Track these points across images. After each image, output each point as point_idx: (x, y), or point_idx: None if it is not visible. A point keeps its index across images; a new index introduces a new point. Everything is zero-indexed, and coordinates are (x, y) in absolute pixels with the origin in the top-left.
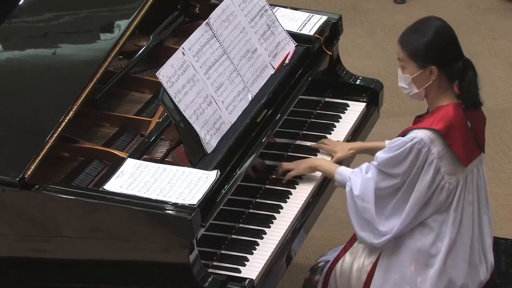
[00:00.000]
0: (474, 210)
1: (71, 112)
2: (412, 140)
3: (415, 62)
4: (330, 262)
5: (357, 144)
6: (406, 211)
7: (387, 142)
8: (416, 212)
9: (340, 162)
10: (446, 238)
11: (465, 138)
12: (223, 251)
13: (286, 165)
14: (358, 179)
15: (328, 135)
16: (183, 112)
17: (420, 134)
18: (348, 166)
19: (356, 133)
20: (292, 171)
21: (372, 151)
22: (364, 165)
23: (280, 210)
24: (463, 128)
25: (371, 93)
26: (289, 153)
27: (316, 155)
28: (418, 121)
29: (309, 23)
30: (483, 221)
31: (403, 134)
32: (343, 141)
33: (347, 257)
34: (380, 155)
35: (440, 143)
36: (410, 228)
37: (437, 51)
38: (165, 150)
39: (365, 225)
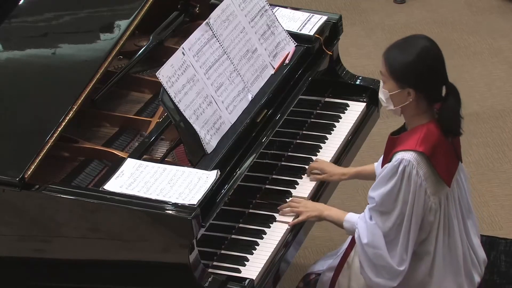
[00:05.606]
0: (459, 223)
1: (71, 112)
2: (400, 162)
3: (394, 80)
4: (328, 278)
5: (352, 170)
6: (411, 239)
7: (375, 164)
8: (416, 237)
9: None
10: (438, 258)
11: (447, 157)
12: (223, 251)
13: (294, 205)
14: (364, 225)
15: (328, 135)
16: (183, 112)
17: (406, 156)
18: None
19: (356, 133)
20: (300, 217)
21: (365, 176)
22: (367, 209)
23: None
24: (445, 146)
25: (371, 93)
26: (289, 153)
27: (316, 155)
28: (394, 139)
29: (309, 23)
30: (468, 225)
31: (388, 157)
32: (342, 140)
33: (345, 272)
34: (374, 194)
35: (425, 164)
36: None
37: (416, 74)
38: (165, 150)
39: (380, 269)
